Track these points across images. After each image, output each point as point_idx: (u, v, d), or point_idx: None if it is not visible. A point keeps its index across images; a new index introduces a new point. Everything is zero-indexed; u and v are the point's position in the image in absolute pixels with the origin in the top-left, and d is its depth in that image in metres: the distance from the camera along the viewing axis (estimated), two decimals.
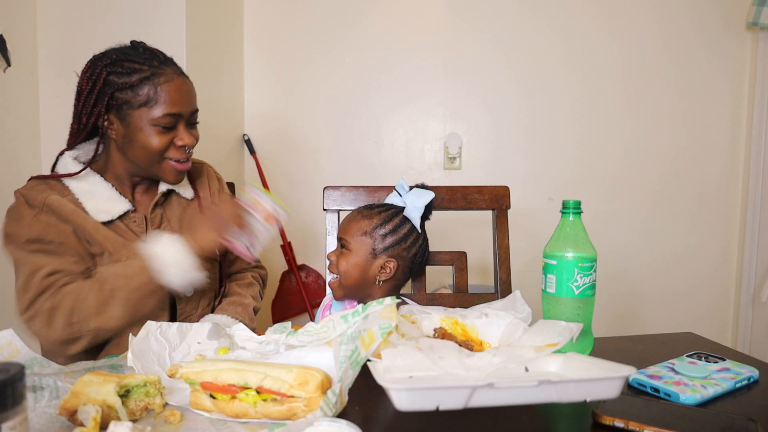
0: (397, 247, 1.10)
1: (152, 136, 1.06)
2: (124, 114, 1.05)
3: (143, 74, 1.04)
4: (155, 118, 1.05)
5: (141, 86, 1.04)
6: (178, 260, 1.00)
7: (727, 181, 2.58)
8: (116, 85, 1.04)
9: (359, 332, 0.68)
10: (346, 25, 2.44)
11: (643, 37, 2.48)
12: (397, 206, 1.15)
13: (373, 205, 1.16)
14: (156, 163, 1.10)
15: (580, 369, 0.68)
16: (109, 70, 1.04)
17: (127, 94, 1.04)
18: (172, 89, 1.05)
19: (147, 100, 1.04)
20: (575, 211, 0.89)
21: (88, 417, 0.58)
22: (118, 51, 1.07)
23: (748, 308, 2.56)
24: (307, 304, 2.39)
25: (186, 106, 1.09)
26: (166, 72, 1.06)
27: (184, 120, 1.09)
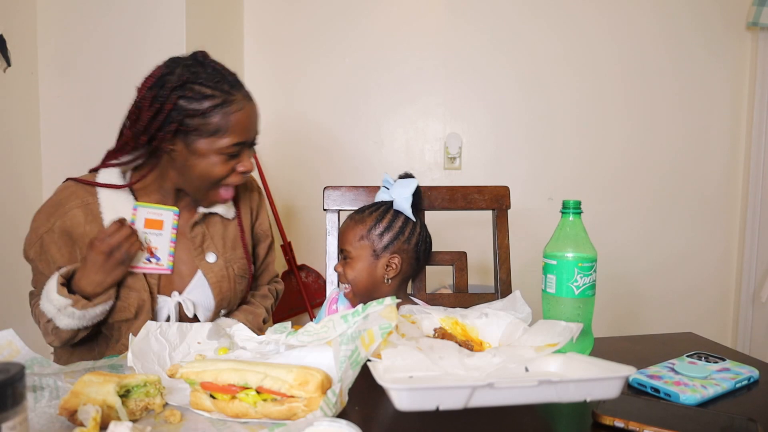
0: (397, 242, 1.10)
1: (216, 165, 1.03)
2: (190, 140, 1.02)
3: (215, 101, 1.00)
4: (221, 148, 1.01)
5: (212, 115, 1.00)
6: (60, 309, 0.99)
7: (727, 181, 2.58)
8: (186, 112, 0.99)
9: (359, 332, 0.68)
10: (346, 25, 2.44)
11: (643, 37, 2.48)
12: (386, 202, 1.15)
13: (363, 207, 1.15)
14: (206, 189, 1.08)
15: (580, 369, 0.68)
16: (179, 93, 0.99)
17: (197, 121, 1.00)
18: (242, 118, 1.02)
19: (216, 130, 1.00)
20: (575, 211, 0.89)
21: (88, 417, 0.58)
22: (186, 70, 1.01)
23: (748, 308, 2.56)
24: (307, 304, 2.39)
25: (253, 132, 1.07)
26: (236, 99, 1.02)
27: (247, 146, 1.07)
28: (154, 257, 1.09)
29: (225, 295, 1.17)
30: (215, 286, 1.15)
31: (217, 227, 1.18)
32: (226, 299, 1.17)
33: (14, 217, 1.73)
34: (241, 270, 1.20)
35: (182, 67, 1.03)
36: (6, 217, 1.69)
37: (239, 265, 1.20)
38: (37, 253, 1.09)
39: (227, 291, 1.17)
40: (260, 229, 1.29)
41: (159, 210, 1.09)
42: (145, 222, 1.08)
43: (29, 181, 1.81)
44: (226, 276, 1.16)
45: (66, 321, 1.00)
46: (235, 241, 1.21)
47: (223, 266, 1.16)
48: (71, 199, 1.08)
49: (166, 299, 1.12)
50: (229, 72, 1.06)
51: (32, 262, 1.11)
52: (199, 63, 1.04)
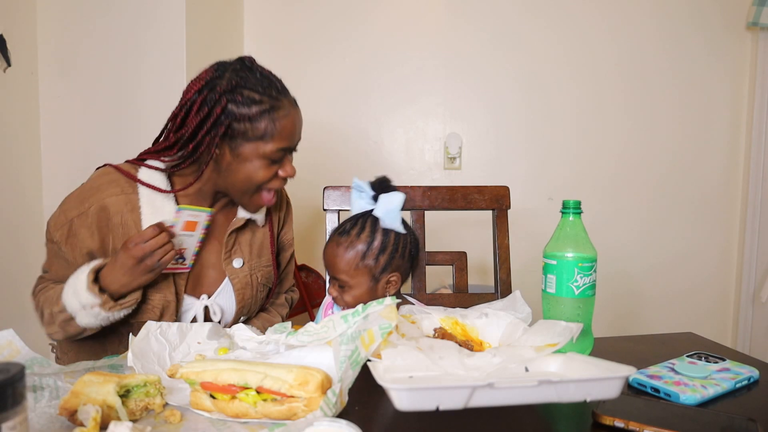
0: (394, 260, 1.02)
1: (259, 169, 1.03)
2: (236, 144, 1.02)
3: (263, 106, 1.00)
4: (266, 153, 1.02)
5: (259, 119, 1.00)
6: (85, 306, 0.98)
7: (727, 181, 2.58)
8: (235, 116, 1.00)
9: (359, 332, 0.68)
10: (346, 25, 2.44)
11: (642, 37, 2.48)
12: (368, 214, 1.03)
13: (345, 227, 1.03)
14: (250, 193, 1.07)
15: (580, 369, 0.68)
16: (228, 97, 0.99)
17: (244, 125, 1.00)
18: (288, 124, 1.03)
19: (263, 135, 1.01)
20: (575, 211, 0.89)
21: (88, 417, 0.58)
22: (236, 74, 1.01)
23: (748, 308, 2.56)
24: (307, 304, 2.39)
25: (297, 138, 1.07)
26: (283, 104, 1.03)
27: (290, 152, 1.07)
28: (180, 257, 1.07)
29: (246, 303, 1.17)
30: (239, 293, 1.15)
31: (246, 234, 1.18)
32: (247, 306, 1.18)
33: (14, 217, 1.73)
34: (264, 278, 1.20)
35: (231, 71, 1.02)
36: (6, 217, 1.69)
37: (263, 273, 1.20)
38: (63, 236, 1.05)
39: (249, 298, 1.17)
40: (285, 238, 1.30)
41: (197, 212, 1.06)
42: (184, 225, 1.04)
43: (29, 181, 1.81)
44: (249, 283, 1.17)
45: (88, 320, 0.99)
46: (262, 248, 1.20)
47: (248, 273, 1.17)
48: (112, 186, 1.06)
49: (193, 302, 1.12)
50: (276, 78, 1.06)
51: (55, 245, 1.06)
52: (247, 68, 1.04)
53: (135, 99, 1.81)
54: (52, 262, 1.09)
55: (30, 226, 1.77)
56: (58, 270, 1.08)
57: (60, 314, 1.01)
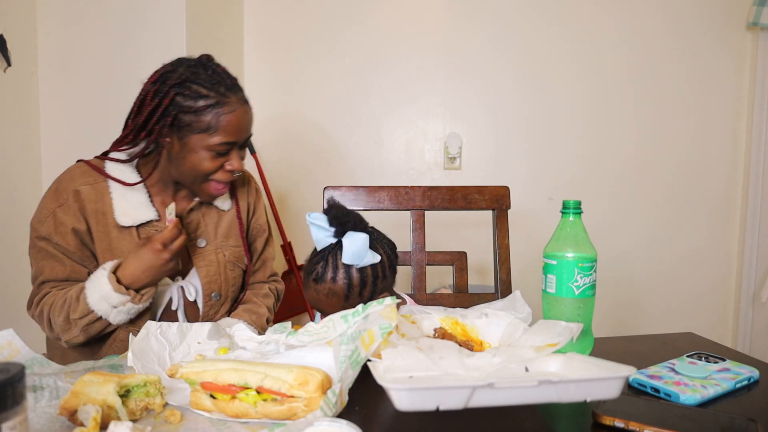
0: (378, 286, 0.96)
1: (205, 160, 1.08)
2: (183, 134, 1.07)
3: (209, 101, 1.05)
4: (211, 145, 1.07)
5: (205, 113, 1.05)
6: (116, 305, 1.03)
7: (728, 181, 2.58)
8: (181, 107, 1.05)
9: (359, 332, 0.68)
10: (346, 25, 2.44)
11: (643, 37, 2.49)
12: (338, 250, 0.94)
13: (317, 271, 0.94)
14: (198, 182, 1.12)
15: (580, 369, 0.68)
16: (177, 90, 1.05)
17: (190, 117, 1.06)
18: (233, 120, 1.07)
19: (207, 128, 1.06)
20: (575, 211, 0.89)
21: (89, 417, 0.58)
22: (187, 69, 1.07)
23: (748, 308, 2.56)
24: (307, 304, 2.39)
25: (243, 134, 1.11)
26: (230, 101, 1.07)
27: (237, 146, 1.12)
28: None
29: (212, 279, 1.19)
30: (201, 270, 1.18)
31: (212, 216, 1.23)
32: (215, 283, 1.20)
33: (14, 217, 1.73)
34: (233, 257, 1.24)
35: (185, 66, 1.09)
36: (6, 217, 1.69)
37: (231, 252, 1.24)
38: (51, 228, 1.08)
39: (214, 275, 1.20)
40: (257, 223, 1.33)
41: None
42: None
43: (29, 181, 1.81)
44: (215, 261, 1.20)
45: (121, 317, 1.05)
46: (230, 230, 1.25)
47: (212, 251, 1.21)
48: (84, 176, 1.12)
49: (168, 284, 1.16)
50: (229, 76, 1.11)
51: (44, 241, 1.09)
52: (201, 65, 1.10)
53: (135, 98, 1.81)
54: (44, 265, 1.10)
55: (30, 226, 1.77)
56: (52, 270, 1.10)
57: (81, 320, 1.04)
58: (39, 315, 1.10)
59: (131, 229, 1.12)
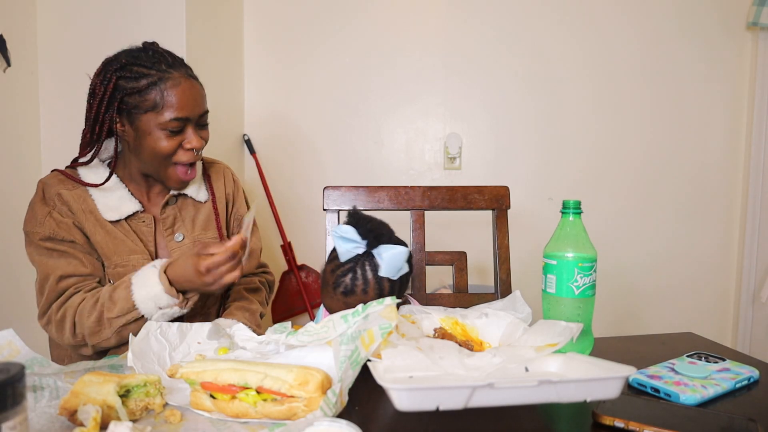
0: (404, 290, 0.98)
1: (160, 140, 1.07)
2: (134, 118, 1.07)
3: (150, 79, 1.05)
4: (162, 123, 1.06)
5: (148, 91, 1.05)
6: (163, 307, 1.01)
7: (728, 182, 2.58)
8: (125, 90, 1.05)
9: (359, 332, 0.68)
10: (346, 24, 2.44)
11: (642, 37, 2.49)
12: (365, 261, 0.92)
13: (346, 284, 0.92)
14: (163, 168, 1.11)
15: (580, 369, 0.68)
16: (119, 74, 1.05)
17: (135, 98, 1.05)
18: (178, 93, 1.06)
19: (154, 105, 1.05)
20: (575, 211, 0.89)
21: (89, 417, 0.58)
22: (128, 54, 1.08)
23: (748, 308, 2.56)
24: (307, 304, 2.40)
25: (193, 109, 1.09)
26: (173, 76, 1.06)
27: (192, 123, 1.10)
28: None
29: None
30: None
31: (188, 210, 1.22)
32: None
33: (14, 217, 1.72)
34: None
35: (126, 53, 1.09)
36: (6, 217, 1.69)
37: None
38: (53, 226, 1.08)
39: None
40: (238, 214, 1.32)
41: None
42: None
43: (29, 181, 1.81)
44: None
45: (163, 319, 1.02)
46: (207, 222, 1.24)
47: (190, 245, 1.19)
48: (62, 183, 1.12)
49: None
50: (171, 55, 1.11)
51: (51, 240, 1.08)
52: (143, 49, 1.10)
53: None
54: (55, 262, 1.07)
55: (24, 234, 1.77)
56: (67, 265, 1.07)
57: (118, 319, 1.02)
58: (61, 320, 1.05)
59: (121, 222, 1.12)
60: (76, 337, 1.05)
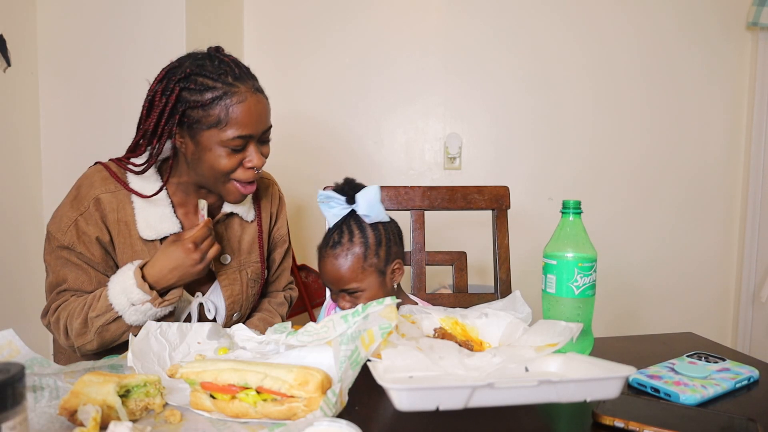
0: (392, 249, 1.05)
1: (221, 158, 1.02)
2: (195, 132, 1.02)
3: (215, 93, 0.99)
4: (225, 140, 1.00)
5: (212, 106, 0.99)
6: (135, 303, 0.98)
7: (727, 181, 2.58)
8: (188, 103, 0.99)
9: (359, 332, 0.68)
10: (346, 24, 2.44)
11: (642, 36, 2.48)
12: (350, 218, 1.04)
13: (333, 238, 1.03)
14: (221, 183, 1.06)
15: (580, 369, 0.68)
16: (182, 85, 1.00)
17: (198, 112, 1.00)
18: (244, 111, 1.00)
19: (218, 122, 0.99)
20: (575, 211, 0.89)
21: (88, 417, 0.58)
22: (193, 63, 1.02)
23: (748, 308, 2.56)
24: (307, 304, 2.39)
25: (257, 126, 1.04)
26: (239, 91, 1.00)
27: (255, 140, 1.05)
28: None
29: (236, 299, 1.16)
30: (226, 289, 1.15)
31: (234, 230, 1.18)
32: (238, 303, 1.17)
33: (14, 217, 1.73)
34: (254, 274, 1.20)
35: (191, 60, 1.03)
36: (6, 217, 1.69)
37: (253, 269, 1.20)
38: (74, 237, 1.03)
39: (238, 294, 1.17)
40: (278, 233, 1.29)
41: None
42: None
43: (29, 181, 1.81)
44: (238, 279, 1.17)
45: (136, 317, 0.98)
46: (252, 244, 1.21)
47: (236, 269, 1.17)
48: (105, 183, 1.06)
49: (188, 299, 1.12)
50: (238, 65, 1.04)
51: (67, 250, 1.04)
52: (208, 56, 1.04)
53: (135, 99, 1.81)
54: (67, 274, 1.05)
55: (30, 226, 1.77)
56: (77, 279, 1.05)
57: (98, 318, 0.99)
58: (56, 322, 1.04)
59: (155, 242, 1.07)
60: (69, 339, 1.03)
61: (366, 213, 1.02)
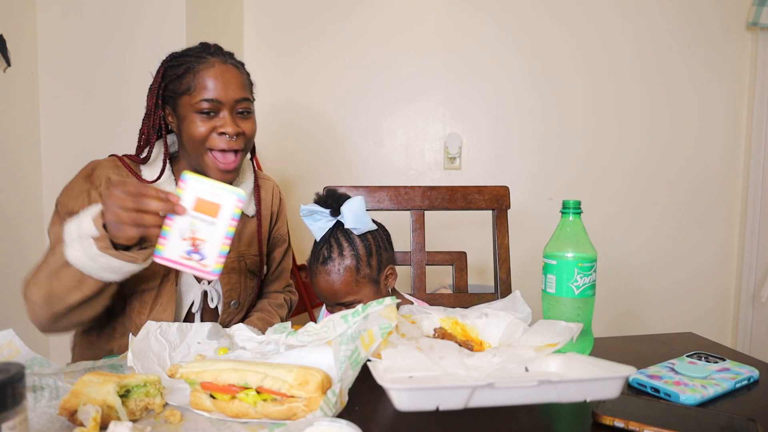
0: (383, 256, 1.05)
1: (195, 124, 1.06)
2: (175, 104, 1.09)
3: (188, 65, 1.07)
4: (195, 105, 1.06)
5: (185, 76, 1.07)
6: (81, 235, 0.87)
7: (727, 181, 2.58)
8: (169, 78, 1.09)
9: (359, 332, 0.68)
10: (346, 25, 2.44)
11: (642, 36, 2.49)
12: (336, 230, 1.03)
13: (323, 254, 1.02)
14: (201, 156, 1.09)
15: (580, 369, 0.68)
16: (167, 65, 1.10)
17: (175, 84, 1.08)
18: (210, 75, 1.06)
19: (188, 88, 1.06)
20: (575, 211, 0.89)
21: (88, 417, 0.58)
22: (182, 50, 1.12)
23: (748, 308, 2.56)
24: (307, 304, 2.39)
25: (226, 92, 1.07)
26: (208, 60, 1.07)
27: (226, 107, 1.07)
28: (197, 252, 0.84)
29: (233, 287, 1.19)
30: (224, 277, 1.17)
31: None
32: (235, 291, 1.19)
33: (14, 217, 1.73)
34: (253, 266, 1.23)
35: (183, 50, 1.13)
36: (6, 216, 1.69)
37: (252, 261, 1.23)
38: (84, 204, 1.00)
39: (236, 283, 1.19)
40: (279, 233, 1.33)
41: (217, 190, 0.84)
42: (195, 202, 0.84)
43: (29, 181, 1.81)
44: (236, 268, 1.19)
45: (76, 253, 0.86)
46: (252, 238, 1.24)
47: (234, 258, 1.19)
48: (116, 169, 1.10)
49: (193, 283, 1.13)
50: (219, 47, 1.12)
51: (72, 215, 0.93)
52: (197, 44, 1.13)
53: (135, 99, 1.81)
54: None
55: (30, 226, 1.77)
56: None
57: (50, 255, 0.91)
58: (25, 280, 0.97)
59: None
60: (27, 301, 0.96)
61: (353, 226, 1.01)
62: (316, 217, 1.03)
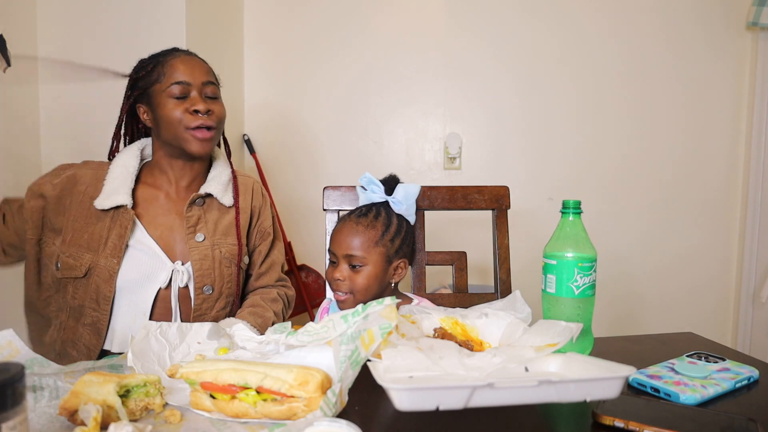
0: (404, 246, 1.11)
1: (168, 107, 1.15)
2: (148, 96, 1.18)
3: (155, 61, 1.19)
4: (167, 89, 1.15)
5: (154, 69, 1.18)
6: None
7: (728, 181, 2.58)
8: (138, 77, 1.20)
9: (359, 332, 0.68)
10: (347, 25, 2.44)
11: (642, 37, 2.49)
12: (382, 204, 1.13)
13: (361, 210, 1.12)
14: (179, 135, 1.17)
15: (580, 369, 0.68)
16: (137, 68, 1.22)
17: (144, 80, 1.19)
18: (177, 63, 1.18)
19: (158, 76, 1.17)
20: (575, 211, 0.89)
21: (89, 416, 0.58)
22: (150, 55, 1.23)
23: (748, 308, 2.56)
24: (307, 304, 2.39)
25: (193, 74, 1.18)
26: (173, 53, 1.20)
27: (195, 89, 1.17)
28: None
29: (205, 273, 1.19)
30: (196, 263, 1.19)
31: (213, 213, 1.25)
32: (208, 277, 1.20)
33: None
34: (229, 254, 1.24)
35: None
36: None
37: (228, 250, 1.24)
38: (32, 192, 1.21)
39: (208, 269, 1.20)
40: (263, 226, 1.34)
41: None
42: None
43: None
44: (210, 256, 1.21)
45: None
46: (229, 228, 1.26)
47: (209, 246, 1.21)
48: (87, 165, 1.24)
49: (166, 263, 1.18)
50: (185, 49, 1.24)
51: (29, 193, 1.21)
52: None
53: None
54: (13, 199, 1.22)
55: None
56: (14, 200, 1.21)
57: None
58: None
59: (109, 212, 1.17)
60: None
61: (400, 200, 1.12)
62: (373, 189, 1.13)
